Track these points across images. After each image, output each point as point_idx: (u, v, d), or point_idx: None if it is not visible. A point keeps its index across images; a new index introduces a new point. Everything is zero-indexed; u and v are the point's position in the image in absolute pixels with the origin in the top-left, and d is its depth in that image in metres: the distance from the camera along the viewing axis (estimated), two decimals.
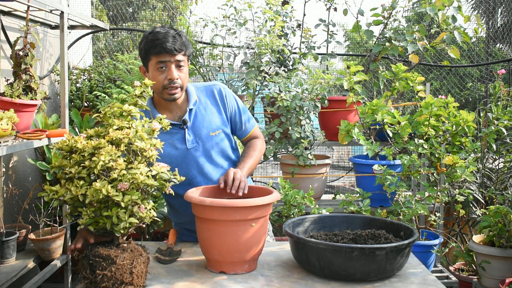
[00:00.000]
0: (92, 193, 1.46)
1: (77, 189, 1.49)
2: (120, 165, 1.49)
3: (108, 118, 1.64)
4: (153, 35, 1.95)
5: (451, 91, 6.39)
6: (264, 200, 1.68)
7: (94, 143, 1.53)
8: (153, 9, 11.18)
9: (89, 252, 1.54)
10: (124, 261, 1.52)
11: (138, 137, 1.57)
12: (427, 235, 3.22)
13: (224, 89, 2.14)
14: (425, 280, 1.68)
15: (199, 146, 2.03)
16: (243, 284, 1.63)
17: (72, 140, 1.56)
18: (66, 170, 1.54)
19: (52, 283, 3.31)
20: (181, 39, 1.97)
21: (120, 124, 1.60)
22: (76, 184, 1.51)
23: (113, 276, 1.50)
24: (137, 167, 1.53)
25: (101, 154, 1.48)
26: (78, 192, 1.49)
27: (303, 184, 3.48)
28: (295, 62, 3.69)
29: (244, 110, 2.18)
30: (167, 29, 1.98)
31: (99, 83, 3.67)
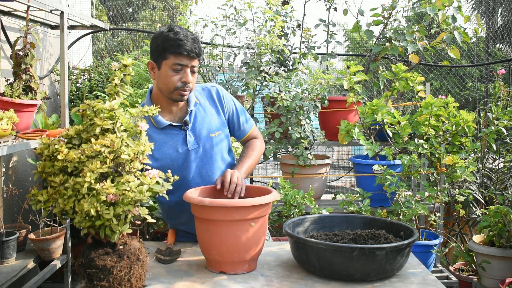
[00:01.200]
0: (80, 210, 1.41)
1: (65, 201, 1.44)
2: (107, 189, 1.41)
3: (88, 115, 1.54)
4: (174, 34, 1.92)
5: (451, 91, 6.39)
6: (263, 200, 1.68)
7: (76, 156, 1.44)
8: (153, 9, 11.18)
9: (85, 261, 1.51)
10: (121, 270, 1.49)
11: (124, 145, 1.48)
12: (427, 235, 3.22)
13: (221, 90, 2.15)
14: (425, 280, 1.68)
15: (200, 147, 2.02)
16: (243, 284, 1.63)
17: (52, 146, 1.49)
18: (51, 178, 1.48)
19: (52, 283, 3.31)
20: (199, 44, 1.97)
21: (103, 125, 1.49)
22: (63, 196, 1.45)
23: (111, 285, 1.49)
24: (127, 181, 1.45)
25: (85, 174, 1.41)
26: (66, 207, 1.44)
27: (303, 184, 3.48)
28: (295, 62, 3.69)
29: (242, 110, 2.18)
30: (185, 30, 1.96)
31: (99, 83, 3.67)
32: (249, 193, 1.87)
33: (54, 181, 1.47)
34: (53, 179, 1.48)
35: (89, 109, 1.52)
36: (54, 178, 1.47)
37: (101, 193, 1.41)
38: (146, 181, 1.49)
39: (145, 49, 3.79)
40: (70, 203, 1.44)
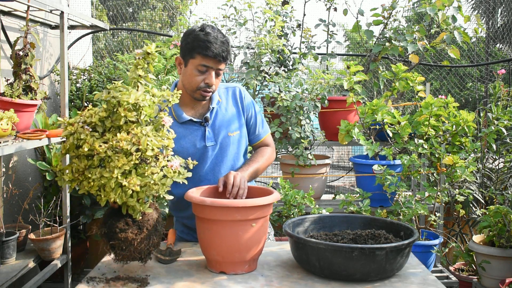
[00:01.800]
0: (105, 195, 1.51)
1: (90, 185, 1.52)
2: (133, 185, 1.49)
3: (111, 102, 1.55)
4: (204, 35, 1.93)
5: (451, 91, 6.39)
6: (264, 201, 1.68)
7: (102, 150, 1.48)
8: (153, 9, 11.18)
9: (108, 231, 1.60)
10: (141, 242, 1.59)
11: (149, 141, 1.53)
12: (427, 235, 3.22)
13: (243, 92, 2.17)
14: (425, 280, 1.68)
15: (217, 145, 2.04)
16: (243, 284, 1.63)
17: (77, 134, 1.53)
18: (75, 161, 1.55)
19: (52, 283, 3.31)
20: (228, 47, 1.98)
21: (127, 116, 1.52)
22: (88, 179, 1.52)
23: (132, 255, 1.61)
24: (151, 173, 1.52)
25: (112, 169, 1.48)
26: (91, 190, 1.52)
27: (303, 184, 3.48)
28: (295, 62, 3.69)
29: (260, 115, 2.20)
30: (217, 32, 1.97)
31: (99, 83, 3.67)
32: (250, 194, 1.87)
33: (79, 165, 1.53)
34: (77, 163, 1.54)
35: (112, 99, 1.55)
36: (79, 162, 1.53)
37: (127, 187, 1.49)
38: (170, 174, 1.57)
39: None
40: (95, 187, 1.52)
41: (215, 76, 1.96)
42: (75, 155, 1.55)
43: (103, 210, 3.15)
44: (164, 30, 9.40)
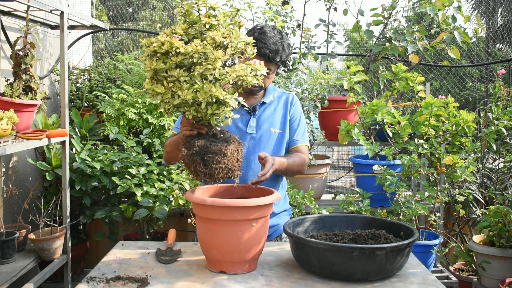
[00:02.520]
0: (203, 96, 1.59)
1: (184, 92, 1.59)
2: (234, 71, 1.62)
3: (190, 14, 1.67)
4: (259, 34, 2.05)
5: (451, 91, 6.39)
6: (265, 200, 1.68)
7: (199, 48, 1.57)
8: (153, 9, 11.18)
9: (199, 149, 1.67)
10: (232, 153, 1.71)
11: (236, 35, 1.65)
12: (427, 235, 3.22)
13: (295, 99, 2.28)
14: (425, 280, 1.68)
15: (257, 136, 2.13)
16: (243, 284, 1.63)
17: (168, 43, 1.59)
18: (166, 74, 1.61)
19: (52, 283, 3.31)
20: (280, 50, 2.06)
21: (209, 22, 1.64)
22: (181, 87, 1.60)
23: (226, 167, 1.70)
24: (241, 68, 1.64)
25: (212, 62, 1.57)
26: (186, 96, 1.59)
27: (303, 184, 3.48)
28: (295, 62, 3.69)
29: (303, 124, 2.26)
30: (276, 33, 2.07)
31: (99, 83, 3.67)
32: (251, 193, 1.87)
33: (172, 75, 1.61)
34: (170, 73, 1.61)
35: (193, 8, 1.66)
36: (171, 72, 1.61)
37: (225, 78, 1.61)
38: (253, 67, 1.69)
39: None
40: (190, 93, 1.59)
41: (265, 78, 2.05)
42: (165, 68, 1.61)
43: (103, 210, 3.15)
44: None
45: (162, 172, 3.25)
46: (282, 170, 2.08)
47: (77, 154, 3.19)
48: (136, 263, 1.82)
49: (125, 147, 3.31)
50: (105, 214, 3.13)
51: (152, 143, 3.34)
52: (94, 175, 3.14)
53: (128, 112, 3.30)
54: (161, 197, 3.09)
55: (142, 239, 3.26)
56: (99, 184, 3.16)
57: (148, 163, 3.20)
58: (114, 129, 3.32)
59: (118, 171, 3.18)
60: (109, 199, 3.26)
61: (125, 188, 3.01)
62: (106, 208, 3.18)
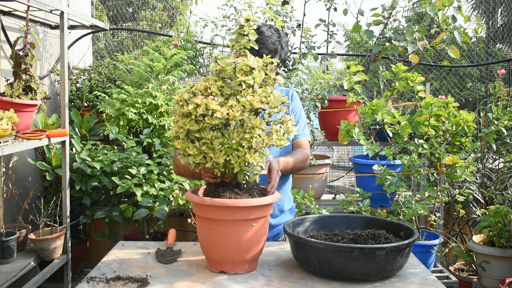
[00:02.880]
0: (236, 161, 1.58)
1: (217, 155, 1.58)
2: (271, 139, 1.60)
3: (230, 73, 1.63)
4: (255, 30, 1.98)
5: (451, 91, 6.39)
6: (265, 201, 1.68)
7: (238, 114, 1.54)
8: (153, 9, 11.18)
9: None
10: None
11: (273, 101, 1.62)
12: (427, 235, 3.22)
13: (295, 95, 2.27)
14: (425, 280, 1.68)
15: None
16: (243, 284, 1.63)
17: (204, 105, 1.55)
18: (200, 135, 1.58)
19: (52, 283, 3.31)
20: (279, 47, 2.03)
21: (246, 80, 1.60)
22: (214, 149, 1.58)
23: None
24: (276, 131, 1.62)
25: (251, 130, 1.55)
26: (219, 159, 1.58)
27: (303, 184, 3.48)
28: (295, 62, 3.68)
29: (303, 119, 2.24)
30: (273, 32, 2.03)
31: (99, 83, 3.67)
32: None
33: (205, 138, 1.58)
34: (203, 135, 1.58)
35: (228, 66, 1.63)
36: (205, 134, 1.58)
37: (260, 145, 1.59)
38: (289, 129, 1.66)
39: (145, 49, 3.79)
40: (222, 156, 1.58)
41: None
42: (197, 128, 1.58)
43: (103, 210, 3.15)
44: (164, 30, 9.40)
45: (162, 172, 3.25)
46: (287, 170, 2.06)
47: (77, 154, 3.19)
48: (136, 263, 1.82)
49: (125, 147, 3.31)
50: (105, 214, 3.13)
51: (152, 143, 3.34)
52: (94, 175, 3.14)
53: (128, 112, 3.30)
54: (161, 197, 3.09)
55: (142, 239, 3.26)
56: (99, 184, 3.16)
57: (148, 163, 3.20)
58: (114, 129, 3.32)
59: (118, 171, 3.18)
60: (109, 199, 3.26)
61: (125, 188, 3.01)
62: (106, 208, 3.18)
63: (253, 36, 1.72)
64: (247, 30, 1.70)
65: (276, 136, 1.61)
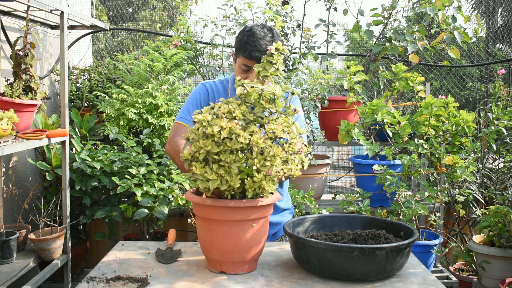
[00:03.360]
0: (251, 186, 1.58)
1: (233, 178, 1.58)
2: (289, 169, 1.61)
3: (255, 100, 1.65)
4: (248, 37, 1.97)
5: (451, 91, 6.39)
6: (265, 201, 1.68)
7: (261, 141, 1.56)
8: (153, 9, 11.18)
9: None
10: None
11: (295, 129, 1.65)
12: (427, 235, 3.22)
13: (293, 97, 2.22)
14: (425, 280, 1.68)
15: None
16: (243, 284, 1.63)
17: (228, 129, 1.56)
18: (218, 157, 1.58)
19: (52, 283, 3.31)
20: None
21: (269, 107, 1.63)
22: (230, 172, 1.58)
23: None
24: (292, 161, 1.63)
25: (272, 159, 1.56)
26: (235, 184, 1.57)
27: (303, 184, 3.48)
28: (295, 62, 3.69)
29: (300, 120, 2.21)
30: (266, 32, 1.99)
31: (99, 83, 3.67)
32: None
33: (224, 160, 1.57)
34: (222, 157, 1.57)
35: (255, 92, 1.65)
36: (224, 157, 1.57)
37: (278, 175, 1.59)
38: (300, 157, 1.67)
39: (145, 49, 3.79)
40: (238, 181, 1.58)
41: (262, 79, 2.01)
42: (217, 151, 1.57)
43: (103, 210, 3.15)
44: (164, 30, 9.41)
45: (162, 172, 3.25)
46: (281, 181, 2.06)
47: (77, 154, 3.19)
48: (136, 263, 1.82)
49: (125, 147, 3.31)
50: (105, 214, 3.13)
51: (152, 143, 3.34)
52: (94, 175, 3.14)
53: (128, 112, 3.30)
54: (161, 197, 3.09)
55: (142, 239, 3.26)
56: (99, 184, 3.16)
57: (148, 163, 3.20)
58: (114, 129, 3.32)
59: (118, 171, 3.18)
60: (109, 199, 3.26)
61: (125, 188, 3.01)
62: (106, 208, 3.18)
63: (282, 66, 1.72)
64: (275, 59, 1.69)
65: (293, 165, 1.63)
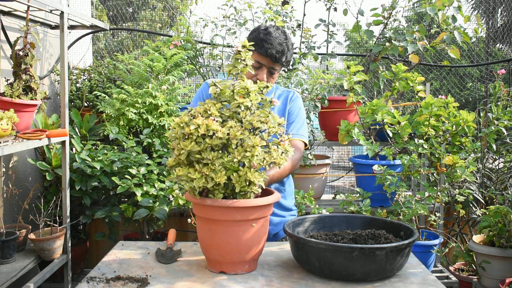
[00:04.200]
0: (237, 180, 1.59)
1: (217, 175, 1.59)
2: (271, 157, 1.63)
3: (224, 93, 1.68)
4: (264, 34, 2.06)
5: (451, 91, 6.39)
6: (265, 201, 1.68)
7: (238, 133, 1.58)
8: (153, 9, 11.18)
9: None
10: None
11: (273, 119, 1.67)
12: (427, 235, 3.22)
13: (296, 96, 2.27)
14: (425, 280, 1.68)
15: None
16: (243, 284, 1.63)
17: (204, 125, 1.58)
18: (200, 156, 1.60)
19: (52, 283, 3.31)
20: (285, 50, 2.08)
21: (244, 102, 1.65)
22: (215, 170, 1.59)
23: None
24: (275, 151, 1.66)
25: (251, 149, 1.58)
26: (220, 179, 1.58)
27: (303, 184, 3.48)
28: (295, 62, 3.69)
29: (301, 119, 2.23)
30: (280, 33, 2.09)
31: (99, 83, 3.67)
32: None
33: (207, 158, 1.59)
34: (204, 156, 1.60)
35: (228, 89, 1.69)
36: (206, 155, 1.60)
37: (260, 164, 1.61)
38: (286, 149, 1.70)
39: (145, 49, 3.79)
40: (224, 177, 1.59)
41: (269, 74, 2.09)
42: (199, 150, 1.60)
43: (103, 210, 3.15)
44: (164, 30, 9.41)
45: (162, 172, 3.25)
46: (274, 180, 2.05)
47: (77, 154, 3.19)
48: (136, 263, 1.82)
49: (125, 147, 3.31)
50: (105, 214, 3.13)
51: (152, 143, 3.34)
52: (94, 175, 3.14)
53: (128, 112, 3.30)
54: (161, 197, 3.09)
55: (142, 239, 3.26)
56: (99, 184, 3.16)
57: (148, 163, 3.20)
58: (114, 129, 3.32)
59: (118, 171, 3.18)
60: (109, 199, 3.26)
61: (125, 188, 3.01)
62: (106, 208, 3.18)
63: (250, 61, 1.76)
64: (243, 56, 1.75)
65: (276, 154, 1.64)
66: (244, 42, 1.75)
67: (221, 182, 1.59)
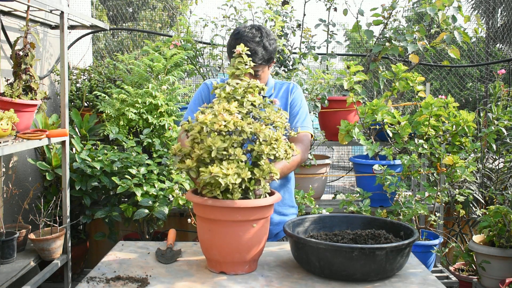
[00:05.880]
0: (261, 175, 1.63)
1: (243, 171, 1.59)
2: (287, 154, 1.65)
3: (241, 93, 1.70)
4: (234, 40, 1.98)
5: (451, 91, 6.39)
6: (265, 201, 1.68)
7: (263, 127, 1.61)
8: (153, 9, 11.18)
9: None
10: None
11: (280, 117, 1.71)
12: (427, 235, 3.22)
13: (296, 87, 2.21)
14: (425, 280, 1.68)
15: None
16: (243, 285, 1.63)
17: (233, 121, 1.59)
18: (227, 153, 1.59)
19: (52, 283, 3.31)
20: (259, 48, 1.98)
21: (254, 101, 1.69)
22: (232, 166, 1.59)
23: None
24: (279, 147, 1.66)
25: (279, 141, 1.62)
26: (245, 175, 1.58)
27: (303, 184, 3.48)
28: (295, 62, 3.68)
29: (304, 110, 2.18)
30: (254, 33, 1.98)
31: (99, 83, 3.67)
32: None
33: (234, 154, 1.59)
34: (231, 152, 1.60)
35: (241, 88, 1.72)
36: (233, 151, 1.60)
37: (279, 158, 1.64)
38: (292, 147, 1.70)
39: (145, 49, 3.79)
40: (247, 173, 1.60)
41: (251, 77, 1.97)
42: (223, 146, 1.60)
43: (103, 210, 3.15)
44: (164, 30, 9.41)
45: (162, 172, 3.25)
46: (284, 173, 2.03)
47: (77, 154, 3.19)
48: (136, 263, 1.82)
49: (125, 147, 3.31)
50: (105, 214, 3.13)
51: (152, 143, 3.34)
52: (94, 175, 3.14)
53: (128, 112, 3.30)
54: (161, 197, 3.09)
55: (142, 239, 3.26)
56: (99, 184, 3.16)
57: (148, 163, 3.20)
58: (114, 129, 3.32)
59: (118, 171, 3.18)
60: (109, 199, 3.26)
61: (125, 188, 3.01)
62: (106, 208, 3.18)
63: (251, 63, 1.77)
64: (245, 59, 1.76)
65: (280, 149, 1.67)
66: (241, 46, 1.77)
67: (245, 177, 1.60)
